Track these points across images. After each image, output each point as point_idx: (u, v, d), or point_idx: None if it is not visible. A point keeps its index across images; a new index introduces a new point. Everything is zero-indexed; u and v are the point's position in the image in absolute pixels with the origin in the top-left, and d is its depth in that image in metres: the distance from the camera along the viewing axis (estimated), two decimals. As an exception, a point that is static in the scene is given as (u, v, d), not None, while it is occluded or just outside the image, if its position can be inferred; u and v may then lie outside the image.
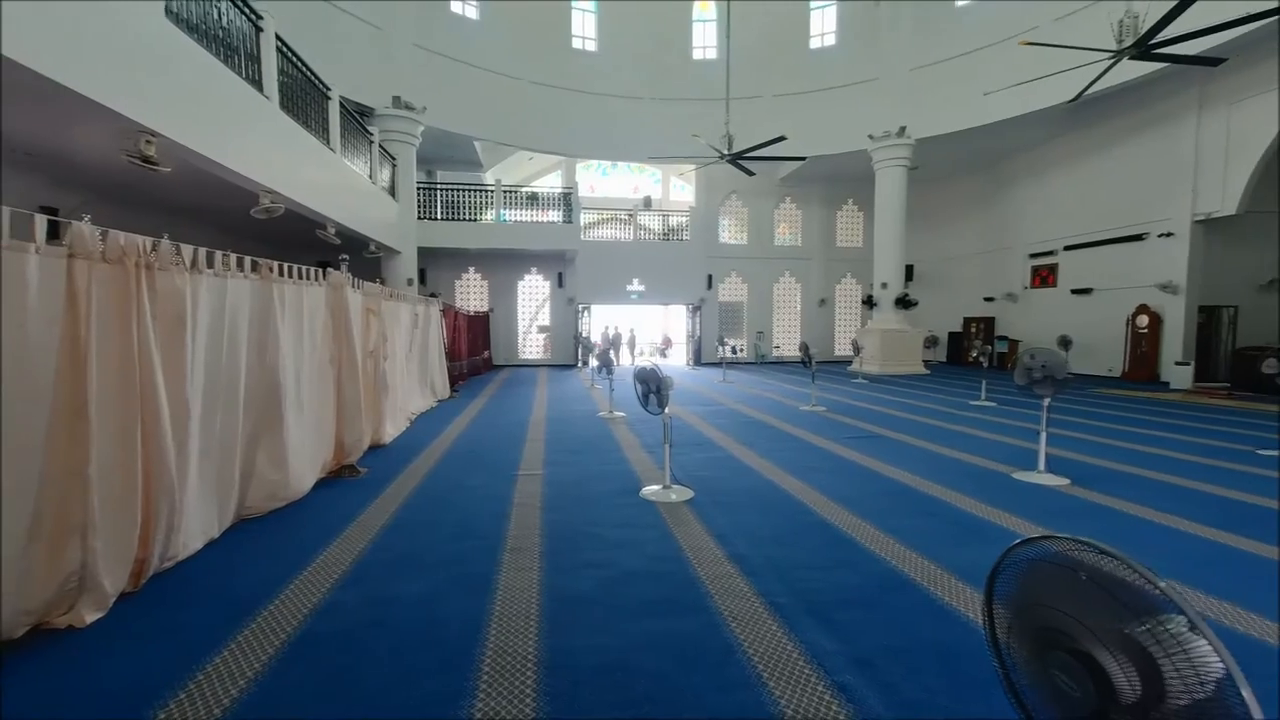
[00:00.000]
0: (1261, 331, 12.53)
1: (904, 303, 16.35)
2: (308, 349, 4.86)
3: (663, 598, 2.88)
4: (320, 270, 5.14)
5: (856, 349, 14.78)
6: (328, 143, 9.03)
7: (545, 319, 19.24)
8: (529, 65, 15.91)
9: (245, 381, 4.00)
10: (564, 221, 17.49)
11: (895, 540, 3.59)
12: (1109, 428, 7.46)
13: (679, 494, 4.58)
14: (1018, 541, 1.30)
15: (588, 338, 18.35)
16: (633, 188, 21.98)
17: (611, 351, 18.62)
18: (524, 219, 17.34)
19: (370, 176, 11.12)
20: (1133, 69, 8.88)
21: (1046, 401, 5.03)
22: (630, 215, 19.49)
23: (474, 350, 15.46)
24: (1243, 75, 11.14)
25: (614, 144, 17.63)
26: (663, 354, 20.69)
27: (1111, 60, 8.13)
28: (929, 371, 16.25)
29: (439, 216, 16.30)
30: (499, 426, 7.87)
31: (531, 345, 19.35)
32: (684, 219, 19.95)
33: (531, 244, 17.28)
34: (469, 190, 16.89)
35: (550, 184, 19.58)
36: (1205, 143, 12.18)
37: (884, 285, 16.35)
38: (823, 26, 17.17)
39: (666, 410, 4.64)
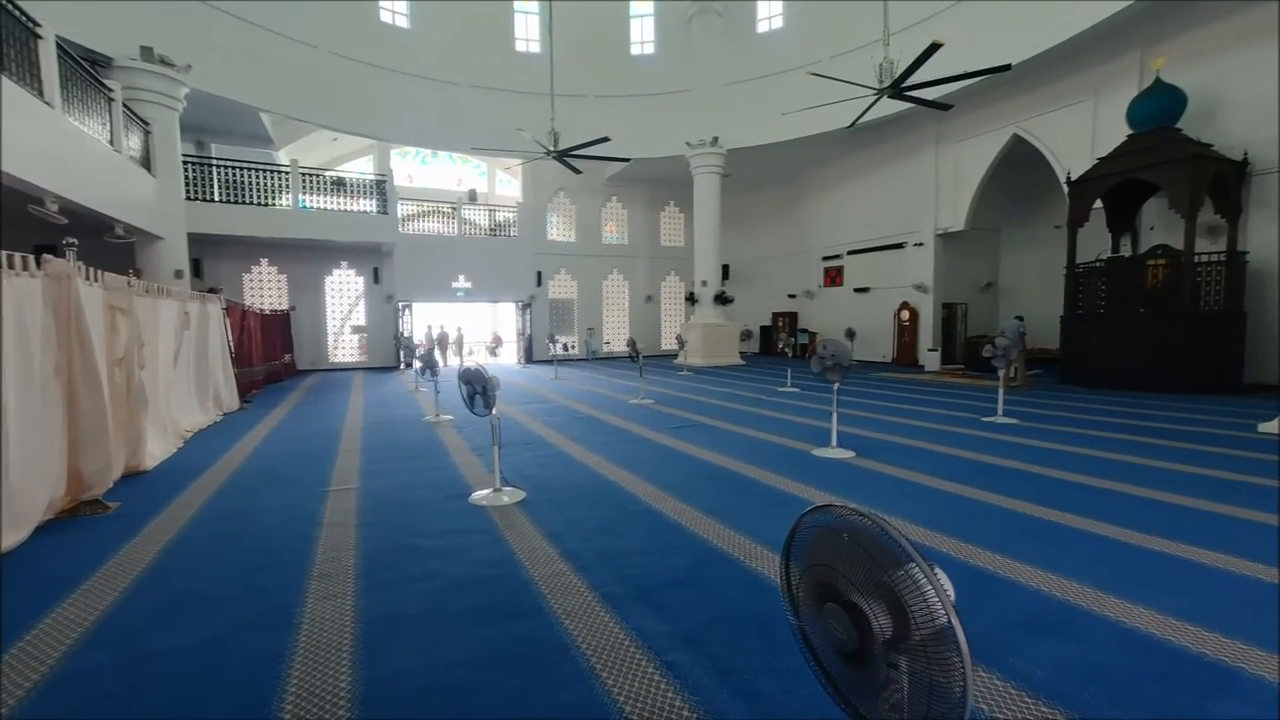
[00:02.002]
0: (983, 323, 15.89)
1: (722, 299, 17.78)
2: (16, 358, 3.78)
3: (494, 604, 2.77)
4: (35, 257, 4.04)
5: (681, 343, 15.72)
6: (41, 94, 7.11)
7: (360, 318, 17.47)
8: (329, 33, 14.20)
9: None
10: (379, 212, 16.02)
11: (716, 520, 3.86)
12: (883, 405, 8.87)
13: (510, 496, 4.45)
14: (805, 511, 1.45)
15: (410, 338, 17.06)
16: (456, 180, 20.88)
17: (438, 352, 17.66)
18: (330, 207, 15.52)
19: (112, 143, 9.02)
20: (892, 105, 10.63)
21: (836, 386, 5.79)
22: (454, 208, 18.51)
23: (271, 354, 13.50)
24: (966, 120, 13.99)
25: (432, 131, 16.54)
26: (493, 353, 20.05)
27: (875, 96, 9.62)
28: (745, 362, 17.88)
29: (217, 198, 13.89)
30: (305, 438, 6.95)
31: (345, 347, 17.45)
32: (512, 214, 19.48)
33: (341, 235, 15.54)
34: (258, 170, 14.58)
35: (360, 170, 17.74)
36: (941, 171, 15.08)
37: (704, 283, 17.61)
38: (642, 35, 17.90)
39: (495, 411, 4.47)
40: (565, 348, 18.55)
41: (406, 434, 7.14)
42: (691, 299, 18.41)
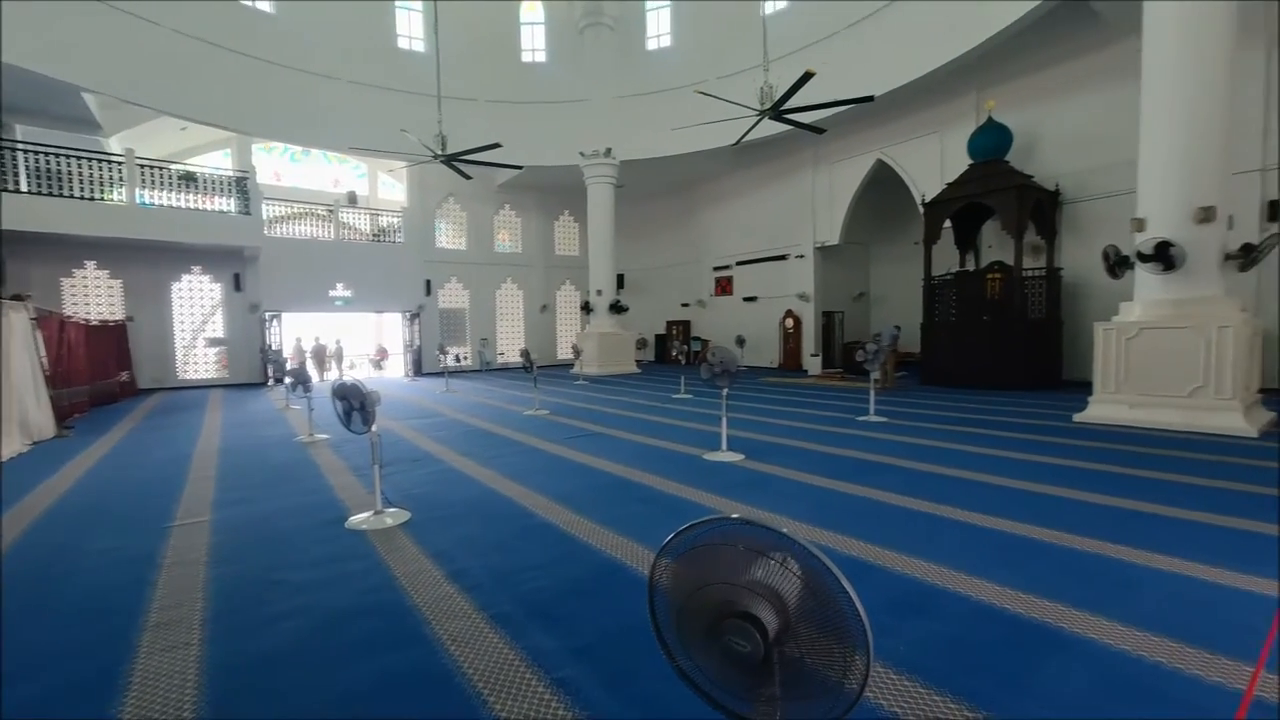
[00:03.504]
0: (858, 330, 17.31)
1: (617, 308, 17.94)
2: None
3: (371, 637, 2.54)
4: None
5: (577, 352, 15.65)
6: None
7: (218, 330, 15.64)
8: (174, 11, 12.67)
9: None
10: (240, 212, 14.49)
11: (611, 530, 3.84)
12: (770, 409, 9.34)
13: (394, 517, 4.15)
14: (671, 537, 1.41)
15: (278, 351, 15.52)
16: (333, 181, 19.42)
17: (313, 366, 16.24)
18: (177, 204, 13.78)
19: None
20: (773, 126, 11.34)
21: (725, 391, 6.01)
22: (330, 211, 17.17)
23: (100, 372, 11.71)
24: (839, 143, 15.24)
25: (303, 127, 15.28)
26: (378, 366, 18.78)
27: (757, 118, 10.20)
28: (641, 370, 18.14)
29: (24, 188, 11.85)
30: (143, 467, 6.07)
31: (198, 363, 15.52)
32: (397, 220, 18.42)
33: (192, 236, 13.85)
34: (80, 158, 12.63)
35: (216, 165, 15.93)
36: (818, 190, 16.30)
37: (599, 292, 17.68)
38: (533, 43, 17.75)
39: (374, 428, 4.16)
40: (457, 359, 17.77)
41: (273, 456, 6.46)
42: (587, 308, 18.41)
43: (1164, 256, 6.78)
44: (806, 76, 8.47)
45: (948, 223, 12.20)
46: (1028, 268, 11.18)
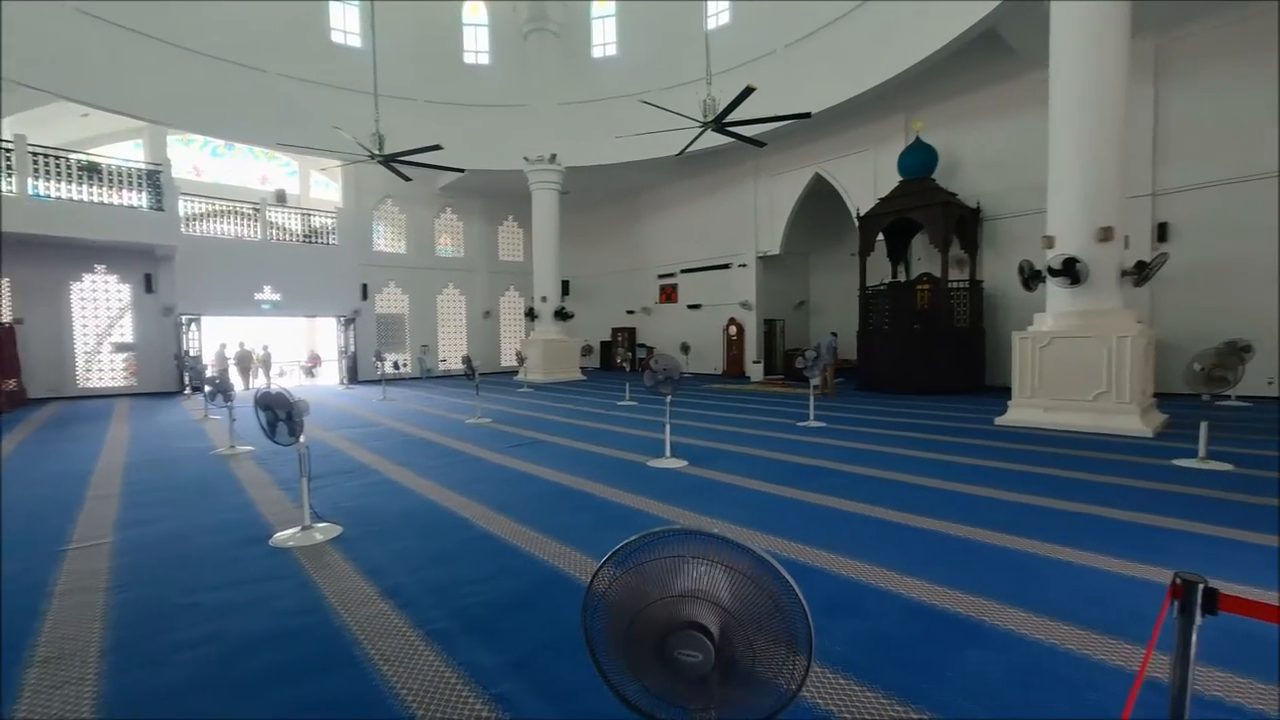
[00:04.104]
0: (799, 337, 17.83)
1: (562, 315, 17.79)
2: None
3: (294, 661, 2.39)
4: None
5: (521, 359, 15.40)
6: None
7: (126, 334, 14.48)
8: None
9: None
10: (152, 208, 13.50)
11: (553, 539, 3.78)
12: (713, 415, 9.48)
13: (324, 532, 3.95)
14: (604, 560, 1.37)
15: (197, 357, 14.52)
16: (260, 178, 18.35)
17: (237, 373, 15.27)
18: (79, 197, 12.68)
19: None
20: (716, 138, 11.58)
21: (668, 398, 6.06)
22: (256, 210, 16.24)
23: (-13, 380, 10.61)
24: (780, 156, 15.71)
25: (226, 120, 14.41)
26: (310, 373, 17.86)
27: (701, 129, 10.39)
28: (586, 377, 18.03)
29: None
30: (33, 484, 5.52)
31: (103, 370, 14.31)
32: (331, 220, 17.63)
33: (95, 233, 12.77)
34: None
35: (126, 156, 14.75)
36: (760, 200, 16.75)
37: (544, 299, 17.49)
38: (476, 45, 17.46)
39: (302, 438, 3.94)
40: (396, 366, 17.11)
41: (188, 471, 6.02)
42: (531, 314, 18.17)
43: (1071, 271, 7.34)
44: (747, 91, 8.69)
45: (881, 235, 12.79)
46: (953, 280, 11.86)
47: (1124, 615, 2.59)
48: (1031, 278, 8.08)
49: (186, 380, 14.33)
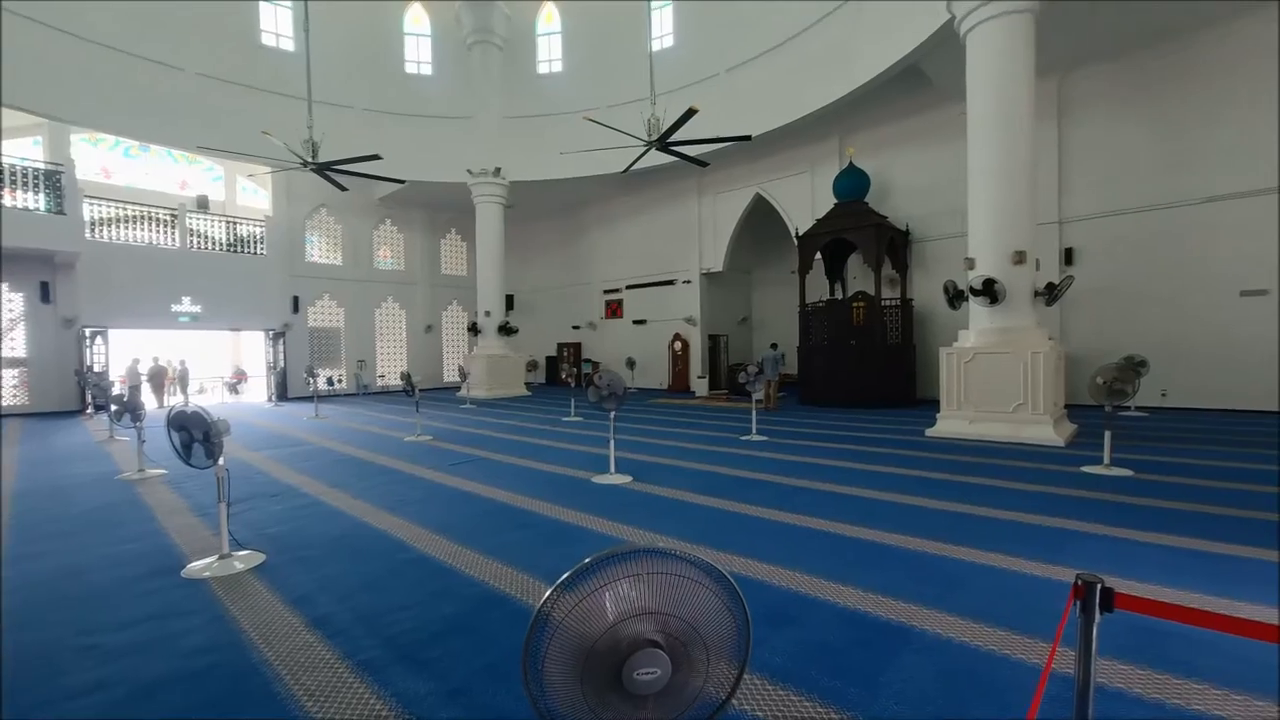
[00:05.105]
0: (742, 353, 18.22)
1: (506, 330, 17.51)
2: None
3: (204, 703, 2.22)
4: None
5: (464, 375, 15.03)
6: None
7: (17, 348, 13.21)
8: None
9: None
10: (51, 211, 12.45)
11: (493, 559, 3.68)
12: (658, 430, 9.52)
13: (244, 561, 3.69)
14: (550, 590, 1.30)
15: (102, 373, 13.40)
16: (179, 182, 17.26)
17: (149, 390, 14.17)
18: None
19: None
20: (660, 157, 11.80)
21: (613, 414, 6.04)
22: (174, 216, 15.25)
23: None
24: (722, 175, 16.14)
25: (140, 118, 13.52)
26: (234, 390, 16.76)
27: (645, 148, 10.56)
28: (531, 393, 17.77)
29: None
30: (-99, 519, 4.91)
31: (-10, 387, 12.98)
32: (259, 229, 16.75)
33: (-16, 237, 11.67)
34: None
35: (22, 154, 13.56)
36: (704, 218, 17.12)
37: (488, 313, 17.17)
38: (419, 54, 17.16)
39: (221, 460, 3.69)
40: (330, 382, 16.35)
41: (88, 498, 5.51)
42: (475, 329, 17.79)
43: (990, 291, 7.85)
44: (690, 112, 8.91)
45: (819, 254, 13.31)
46: (886, 298, 12.46)
47: (1039, 615, 2.76)
48: (955, 297, 8.58)
49: (89, 398, 13.19)
